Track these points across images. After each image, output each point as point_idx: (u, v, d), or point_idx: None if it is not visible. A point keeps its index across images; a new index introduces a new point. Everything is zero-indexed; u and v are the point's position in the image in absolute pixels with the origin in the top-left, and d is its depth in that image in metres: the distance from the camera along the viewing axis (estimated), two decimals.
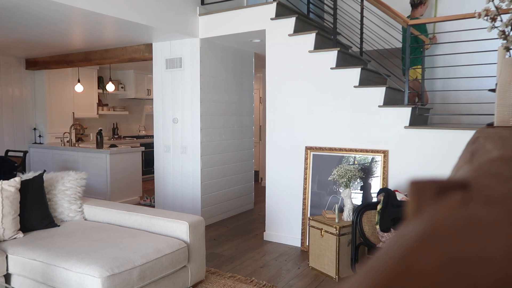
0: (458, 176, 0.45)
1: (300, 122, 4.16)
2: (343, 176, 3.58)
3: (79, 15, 3.75)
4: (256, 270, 3.57)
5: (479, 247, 0.19)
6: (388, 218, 3.13)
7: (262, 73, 7.43)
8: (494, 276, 0.17)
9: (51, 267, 2.56)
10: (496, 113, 1.28)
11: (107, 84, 7.67)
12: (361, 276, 0.20)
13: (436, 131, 3.51)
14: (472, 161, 0.52)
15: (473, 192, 0.28)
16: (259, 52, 5.56)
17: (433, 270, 0.18)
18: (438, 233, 0.21)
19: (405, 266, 0.19)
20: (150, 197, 6.09)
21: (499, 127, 1.21)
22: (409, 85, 3.99)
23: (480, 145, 0.63)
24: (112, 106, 8.60)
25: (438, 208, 0.26)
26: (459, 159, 0.64)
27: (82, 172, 3.62)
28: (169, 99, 5.04)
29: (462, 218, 0.23)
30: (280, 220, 4.31)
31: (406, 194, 3.33)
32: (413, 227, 0.23)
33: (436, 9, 4.92)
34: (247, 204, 5.76)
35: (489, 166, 0.40)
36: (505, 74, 1.26)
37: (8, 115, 6.63)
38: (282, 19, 4.21)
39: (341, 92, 3.92)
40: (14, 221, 2.97)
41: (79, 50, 5.80)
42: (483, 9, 1.54)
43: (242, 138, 5.58)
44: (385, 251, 0.22)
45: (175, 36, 4.70)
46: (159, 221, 3.12)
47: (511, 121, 1.24)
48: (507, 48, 1.40)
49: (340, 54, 4.00)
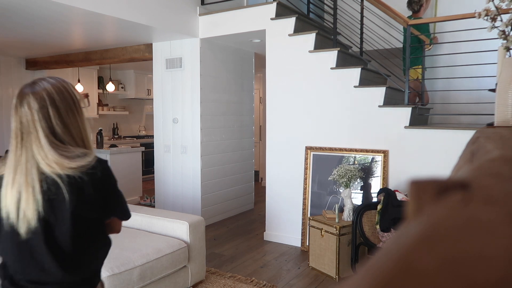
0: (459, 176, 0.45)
1: (300, 122, 4.16)
2: (343, 176, 3.58)
3: (79, 15, 3.75)
4: (256, 270, 3.57)
5: (479, 247, 0.19)
6: (388, 218, 3.13)
7: (262, 73, 7.43)
8: (494, 276, 0.17)
9: None
10: (496, 113, 1.28)
11: (107, 84, 7.68)
12: (361, 276, 0.20)
13: (436, 131, 3.51)
14: (472, 161, 0.52)
15: (474, 192, 0.28)
16: (259, 52, 5.56)
17: (433, 270, 0.18)
18: (438, 233, 0.21)
19: (405, 266, 0.19)
20: (150, 197, 6.09)
21: (499, 127, 1.21)
22: (410, 85, 3.99)
23: (480, 145, 0.63)
24: (112, 106, 8.60)
25: (438, 208, 0.26)
26: (459, 159, 0.64)
27: None
28: (169, 99, 5.04)
29: (462, 218, 0.23)
30: (280, 220, 4.32)
31: (406, 194, 3.33)
32: (413, 227, 0.23)
33: (436, 9, 4.92)
34: (247, 204, 5.76)
35: (489, 166, 0.40)
36: (505, 74, 1.26)
37: (8, 115, 6.62)
38: (282, 19, 4.21)
39: (341, 92, 3.92)
40: None
41: (79, 50, 5.80)
42: (483, 9, 1.54)
43: (242, 138, 5.58)
44: (385, 251, 0.22)
45: (175, 36, 4.70)
46: (159, 221, 3.12)
47: (511, 121, 1.24)
48: (507, 48, 1.40)
49: (340, 54, 4.00)
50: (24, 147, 1.20)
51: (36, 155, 1.18)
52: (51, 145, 1.19)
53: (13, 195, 1.18)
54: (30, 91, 1.22)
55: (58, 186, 1.17)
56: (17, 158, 1.20)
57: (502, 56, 1.39)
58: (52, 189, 1.17)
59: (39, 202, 1.17)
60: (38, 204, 1.17)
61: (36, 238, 1.19)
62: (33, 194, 1.17)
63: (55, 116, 1.21)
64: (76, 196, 1.18)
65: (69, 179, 1.17)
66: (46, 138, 1.19)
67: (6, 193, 1.19)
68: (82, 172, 1.18)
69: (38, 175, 1.18)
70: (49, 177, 1.17)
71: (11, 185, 1.19)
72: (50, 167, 1.17)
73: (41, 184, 1.17)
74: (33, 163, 1.18)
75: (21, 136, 1.20)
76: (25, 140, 1.20)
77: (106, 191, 1.26)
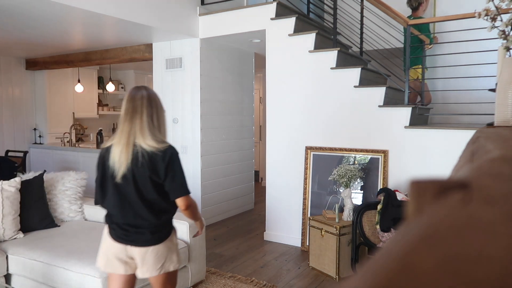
0: (459, 176, 0.45)
1: (300, 122, 4.16)
2: (343, 176, 3.58)
3: (79, 15, 3.75)
4: (256, 270, 3.57)
5: (479, 247, 0.19)
6: (388, 218, 3.13)
7: (262, 73, 7.43)
8: (494, 276, 0.17)
9: (52, 267, 2.56)
10: (496, 113, 1.28)
11: (107, 84, 7.67)
12: (361, 276, 0.20)
13: (436, 131, 3.51)
14: (472, 161, 0.52)
15: (474, 192, 0.28)
16: (259, 52, 5.56)
17: (433, 269, 0.18)
18: (439, 233, 0.21)
19: (405, 265, 0.19)
20: None
21: (499, 127, 1.21)
22: (411, 85, 3.99)
23: (480, 145, 0.63)
24: (112, 106, 8.59)
25: (439, 208, 0.26)
26: (459, 159, 0.65)
27: (82, 172, 3.62)
28: (169, 99, 5.04)
29: (462, 218, 0.23)
30: (281, 220, 4.31)
31: (406, 194, 3.33)
32: (414, 227, 0.23)
33: (435, 8, 4.92)
34: (248, 204, 5.76)
35: (489, 166, 0.40)
36: (505, 74, 1.26)
37: (8, 115, 6.63)
38: (282, 19, 4.21)
39: (341, 92, 3.92)
40: (14, 221, 2.97)
41: (79, 50, 5.80)
42: (483, 9, 1.54)
43: (242, 138, 5.58)
44: (385, 251, 0.22)
45: (175, 36, 4.70)
46: None
47: (511, 121, 1.24)
48: (507, 48, 1.40)
49: (340, 54, 4.00)
50: (131, 122, 1.81)
51: (136, 130, 1.80)
52: (148, 124, 1.81)
53: (117, 151, 1.81)
54: (143, 89, 1.88)
55: (142, 155, 1.79)
56: (124, 128, 1.82)
57: (502, 56, 1.39)
58: (138, 156, 1.79)
59: (129, 159, 1.79)
60: (128, 161, 1.79)
61: (130, 188, 1.81)
62: (126, 153, 1.79)
63: (154, 108, 1.86)
64: (151, 165, 1.79)
65: (148, 153, 1.79)
66: (147, 118, 1.82)
67: (114, 149, 1.83)
68: (158, 151, 1.79)
69: (133, 143, 1.80)
70: (138, 147, 1.80)
71: (117, 145, 1.82)
72: (142, 141, 1.79)
73: (133, 149, 1.80)
74: (133, 134, 1.81)
75: (131, 114, 1.82)
76: (133, 117, 1.81)
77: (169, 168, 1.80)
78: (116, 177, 1.80)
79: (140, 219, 1.83)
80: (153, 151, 1.78)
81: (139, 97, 1.83)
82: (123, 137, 1.80)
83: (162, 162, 1.78)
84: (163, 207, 1.87)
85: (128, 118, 1.81)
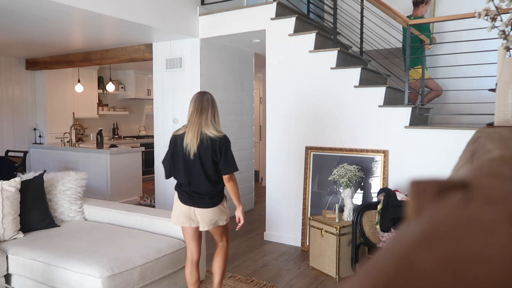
0: (459, 176, 0.45)
1: (300, 122, 4.16)
2: (343, 176, 3.58)
3: (79, 15, 3.75)
4: (257, 270, 3.57)
5: (479, 247, 0.19)
6: (389, 218, 3.13)
7: (262, 73, 7.43)
8: (495, 276, 0.17)
9: (52, 267, 2.56)
10: (496, 113, 1.28)
11: (107, 84, 7.67)
12: (361, 276, 0.20)
13: (436, 131, 3.51)
14: (472, 161, 0.52)
15: (474, 192, 0.28)
16: (259, 52, 5.56)
17: (433, 269, 0.18)
18: (439, 233, 0.22)
19: (406, 265, 0.19)
20: (151, 197, 6.09)
21: (499, 127, 1.21)
22: (411, 85, 3.99)
23: (480, 145, 0.63)
24: (112, 106, 8.60)
25: (439, 208, 0.26)
26: (459, 159, 0.65)
27: (82, 172, 3.62)
28: (169, 99, 5.04)
29: (462, 218, 0.23)
30: (281, 220, 4.31)
31: (407, 194, 3.33)
32: (414, 227, 0.23)
33: (434, 8, 4.91)
34: (248, 204, 5.76)
35: (489, 166, 0.40)
36: (505, 74, 1.26)
37: (8, 115, 6.64)
38: (282, 19, 4.21)
39: (341, 92, 3.92)
40: (14, 221, 2.97)
41: (79, 50, 5.80)
42: (483, 9, 1.54)
43: (242, 138, 5.57)
44: (385, 251, 0.22)
45: (175, 36, 4.70)
46: (160, 221, 3.12)
47: (511, 121, 1.24)
48: (507, 48, 1.40)
49: (340, 54, 4.00)
50: (200, 116, 2.49)
51: (203, 122, 2.48)
52: (210, 120, 2.50)
53: (189, 136, 2.47)
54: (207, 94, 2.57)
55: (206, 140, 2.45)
56: (195, 121, 2.48)
57: (502, 56, 1.39)
58: (204, 140, 2.46)
59: (197, 143, 2.45)
60: (196, 144, 2.46)
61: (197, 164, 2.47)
62: (196, 138, 2.46)
63: (215, 108, 2.55)
64: (212, 147, 2.46)
65: (211, 138, 2.46)
66: (210, 115, 2.51)
67: (187, 135, 2.48)
68: (216, 137, 2.46)
69: (200, 131, 2.47)
70: (203, 134, 2.47)
71: (189, 132, 2.48)
72: (207, 130, 2.47)
73: (200, 135, 2.46)
74: (200, 125, 2.48)
75: (200, 111, 2.49)
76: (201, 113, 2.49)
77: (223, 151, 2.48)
78: (188, 155, 2.46)
79: (202, 187, 2.49)
80: (214, 138, 2.46)
81: (206, 99, 2.52)
82: (194, 127, 2.47)
83: (219, 146, 2.46)
84: (218, 180, 2.54)
85: (198, 114, 2.49)
